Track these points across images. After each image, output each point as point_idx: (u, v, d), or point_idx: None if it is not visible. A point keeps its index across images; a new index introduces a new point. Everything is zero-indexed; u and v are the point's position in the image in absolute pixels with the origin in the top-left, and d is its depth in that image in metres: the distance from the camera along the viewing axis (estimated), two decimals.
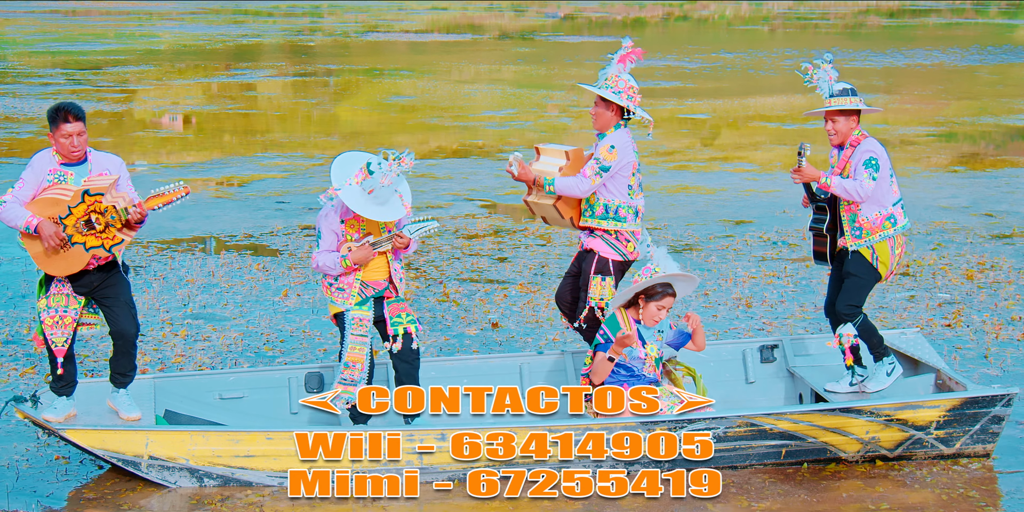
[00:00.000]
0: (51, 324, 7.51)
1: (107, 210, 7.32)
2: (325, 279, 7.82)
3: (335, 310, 7.82)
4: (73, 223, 7.31)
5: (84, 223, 7.33)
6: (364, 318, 7.75)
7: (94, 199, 7.31)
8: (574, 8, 60.08)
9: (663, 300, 7.68)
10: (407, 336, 7.82)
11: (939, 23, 50.30)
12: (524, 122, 22.68)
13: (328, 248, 7.72)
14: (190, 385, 8.26)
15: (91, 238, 7.35)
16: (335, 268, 7.69)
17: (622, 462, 7.51)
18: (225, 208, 15.38)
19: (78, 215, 7.32)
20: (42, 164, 7.41)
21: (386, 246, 7.68)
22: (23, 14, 52.69)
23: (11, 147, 19.26)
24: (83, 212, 7.31)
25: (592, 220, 8.11)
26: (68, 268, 7.39)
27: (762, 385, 8.70)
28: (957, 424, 7.74)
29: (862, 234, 7.94)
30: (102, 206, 7.32)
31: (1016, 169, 18.07)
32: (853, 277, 7.97)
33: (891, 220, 7.92)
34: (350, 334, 7.74)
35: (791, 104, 25.02)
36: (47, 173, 7.39)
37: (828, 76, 8.06)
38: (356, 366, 7.76)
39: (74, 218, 7.31)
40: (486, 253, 13.13)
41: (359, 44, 39.99)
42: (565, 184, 7.98)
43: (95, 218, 7.33)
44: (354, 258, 7.65)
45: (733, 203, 15.70)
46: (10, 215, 7.29)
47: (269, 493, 7.37)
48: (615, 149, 7.96)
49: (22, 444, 8.11)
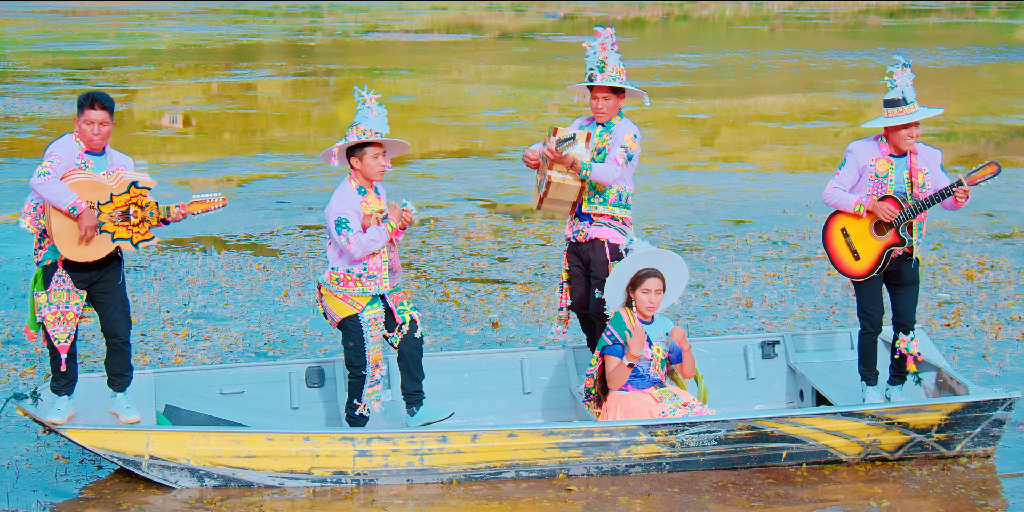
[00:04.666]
0: (53, 321, 7.49)
1: (148, 205, 7.32)
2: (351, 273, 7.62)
3: (347, 313, 7.71)
4: (110, 211, 7.29)
5: (120, 213, 7.31)
6: (378, 316, 7.74)
7: (140, 192, 7.30)
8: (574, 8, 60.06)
9: (648, 281, 7.67)
10: (412, 323, 7.83)
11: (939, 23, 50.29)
12: (524, 122, 22.67)
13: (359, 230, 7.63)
14: (190, 380, 8.26)
15: (121, 229, 7.33)
16: (380, 238, 7.58)
17: (624, 463, 7.52)
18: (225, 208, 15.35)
19: (118, 204, 7.30)
20: (70, 147, 7.36)
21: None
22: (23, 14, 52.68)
23: (11, 147, 19.24)
24: (124, 202, 7.30)
25: (604, 207, 8.14)
26: (86, 255, 7.33)
27: (763, 381, 8.71)
28: (958, 427, 7.74)
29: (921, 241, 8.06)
30: (145, 200, 7.31)
31: (1016, 169, 18.07)
32: (915, 285, 8.09)
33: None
34: (369, 336, 7.72)
35: (791, 104, 25.01)
36: (76, 157, 7.35)
37: (909, 80, 7.96)
38: (380, 366, 7.78)
39: (112, 206, 7.29)
40: (486, 253, 13.13)
41: (359, 44, 39.98)
42: (602, 170, 7.98)
43: (133, 210, 7.32)
44: (394, 217, 7.61)
45: (733, 203, 15.70)
46: (55, 189, 7.18)
47: (270, 493, 7.38)
48: (637, 138, 8.09)
49: (22, 444, 8.11)
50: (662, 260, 7.77)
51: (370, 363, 7.73)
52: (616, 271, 7.75)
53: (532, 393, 8.59)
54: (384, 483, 7.45)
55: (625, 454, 7.49)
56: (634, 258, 7.73)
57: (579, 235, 8.23)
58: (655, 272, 7.72)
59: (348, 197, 7.66)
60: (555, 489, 7.42)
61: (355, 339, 7.73)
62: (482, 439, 7.39)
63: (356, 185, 7.70)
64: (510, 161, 18.52)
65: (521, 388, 8.59)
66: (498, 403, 8.54)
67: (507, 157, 18.87)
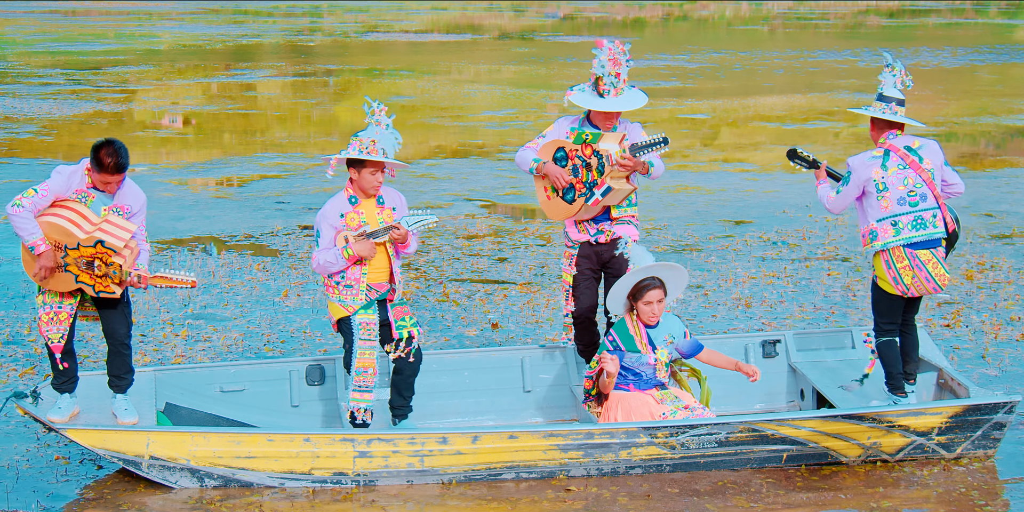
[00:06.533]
0: (47, 321, 7.50)
1: (112, 264, 7.29)
2: (331, 278, 7.74)
3: (340, 314, 7.73)
4: (75, 257, 7.29)
5: (85, 263, 7.30)
6: (370, 322, 7.71)
7: (105, 252, 7.27)
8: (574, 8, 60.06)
9: (648, 294, 7.67)
10: (410, 339, 7.81)
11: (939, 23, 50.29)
12: (524, 122, 22.67)
13: (327, 246, 7.68)
14: (191, 378, 8.26)
15: (84, 275, 7.33)
16: (336, 262, 7.61)
17: (624, 465, 7.52)
18: (225, 208, 15.38)
19: (84, 253, 7.28)
20: (72, 180, 7.36)
21: (383, 237, 7.61)
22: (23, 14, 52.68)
23: (11, 147, 19.23)
24: (90, 255, 7.28)
25: (630, 208, 8.28)
26: (48, 283, 7.40)
27: (764, 380, 8.70)
28: (959, 430, 7.74)
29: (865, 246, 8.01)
30: (109, 259, 7.28)
31: (1016, 169, 18.07)
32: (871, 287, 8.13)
33: (872, 235, 7.89)
34: (358, 340, 7.70)
35: (791, 104, 25.01)
36: (73, 192, 7.36)
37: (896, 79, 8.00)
38: (368, 372, 7.73)
39: (78, 254, 7.28)
40: (486, 253, 13.13)
41: (359, 44, 39.97)
42: (659, 168, 8.15)
43: (97, 264, 7.30)
44: (356, 249, 7.59)
45: (733, 203, 15.70)
46: (22, 225, 7.24)
47: (269, 494, 7.38)
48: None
49: (22, 444, 8.11)
50: (662, 270, 7.76)
51: (355, 366, 7.71)
52: (618, 285, 7.73)
53: (533, 392, 8.59)
54: (384, 484, 7.45)
55: (625, 456, 7.49)
56: (637, 273, 7.69)
57: (602, 236, 8.23)
58: (655, 283, 7.69)
59: (334, 207, 7.68)
60: (555, 489, 7.42)
61: (347, 341, 7.74)
62: (482, 440, 7.39)
63: (349, 195, 7.70)
64: (510, 162, 18.51)
65: (522, 387, 8.58)
66: (498, 401, 8.54)
67: (507, 157, 18.87)
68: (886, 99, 7.89)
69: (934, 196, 7.81)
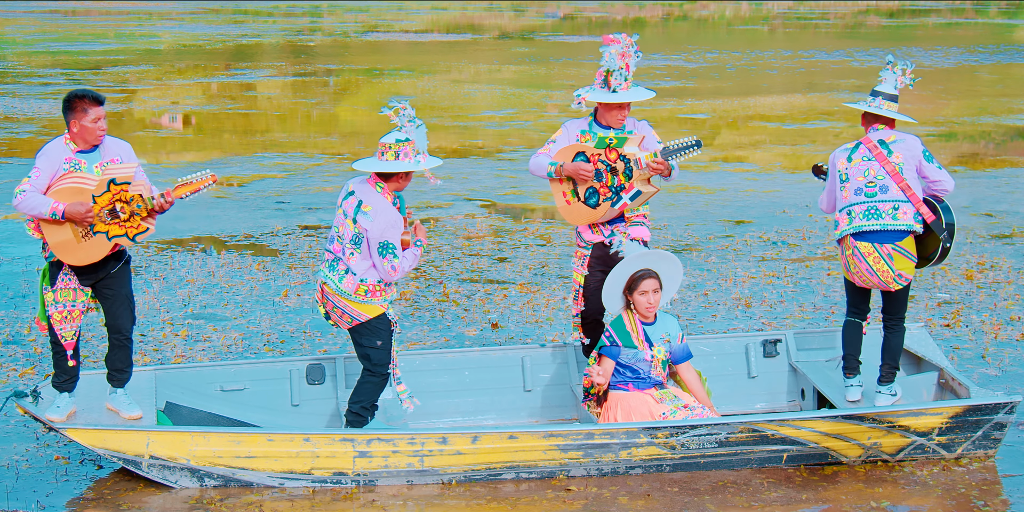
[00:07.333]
0: (60, 320, 7.49)
1: (133, 199, 7.26)
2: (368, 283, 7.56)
3: (377, 312, 7.63)
4: (96, 212, 7.25)
5: (108, 212, 7.25)
6: (398, 313, 7.77)
7: (120, 188, 7.23)
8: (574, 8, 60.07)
9: (643, 284, 7.67)
10: None
11: (939, 23, 50.30)
12: (524, 122, 22.67)
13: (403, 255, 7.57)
14: (191, 377, 8.26)
15: (114, 227, 7.29)
16: (416, 260, 7.63)
17: (624, 465, 7.52)
18: (225, 208, 15.38)
19: (102, 204, 7.24)
20: (56, 153, 7.34)
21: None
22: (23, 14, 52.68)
23: (11, 147, 19.24)
24: (108, 201, 7.24)
25: (643, 208, 8.29)
26: (88, 257, 7.33)
27: (764, 380, 8.71)
28: (959, 430, 7.74)
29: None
30: (128, 195, 7.24)
31: (1016, 169, 18.07)
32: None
33: (835, 225, 8.05)
34: (395, 332, 7.74)
35: (791, 104, 25.01)
36: (63, 162, 7.33)
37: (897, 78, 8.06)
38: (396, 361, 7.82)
39: (98, 207, 7.24)
40: (486, 253, 13.13)
41: (359, 44, 39.98)
42: (677, 171, 8.18)
43: (120, 207, 7.25)
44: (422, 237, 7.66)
45: (733, 203, 15.71)
46: (33, 203, 7.21)
47: (269, 493, 7.38)
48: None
49: (22, 444, 8.11)
50: (655, 260, 7.77)
51: (394, 361, 7.74)
52: (611, 277, 7.73)
53: (533, 391, 8.59)
54: (384, 484, 7.45)
55: (625, 456, 7.49)
56: (627, 262, 7.72)
57: (615, 238, 8.23)
58: (649, 273, 7.71)
59: (393, 218, 7.54)
60: (555, 489, 7.42)
61: (383, 337, 7.66)
62: (482, 440, 7.39)
63: (391, 199, 7.64)
64: (510, 161, 18.52)
65: (522, 386, 8.58)
66: (499, 401, 8.54)
67: (507, 157, 18.87)
68: (876, 94, 8.01)
69: (900, 189, 7.83)
